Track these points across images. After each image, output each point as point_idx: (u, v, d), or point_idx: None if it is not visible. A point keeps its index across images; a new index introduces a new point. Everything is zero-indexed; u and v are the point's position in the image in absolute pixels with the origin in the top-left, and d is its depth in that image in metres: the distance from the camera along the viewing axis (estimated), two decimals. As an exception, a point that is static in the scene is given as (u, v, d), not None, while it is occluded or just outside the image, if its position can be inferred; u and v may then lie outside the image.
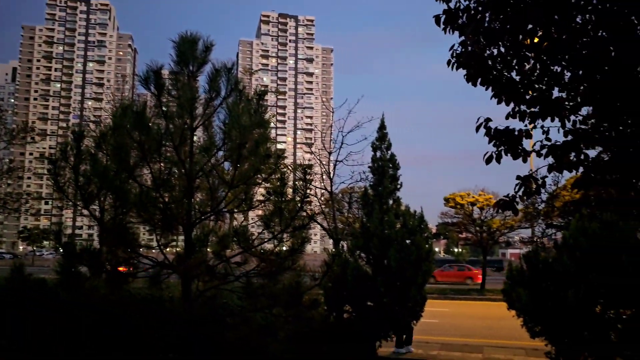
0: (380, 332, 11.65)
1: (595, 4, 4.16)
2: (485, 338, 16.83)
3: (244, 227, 5.12)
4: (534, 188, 4.27)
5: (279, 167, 5.38)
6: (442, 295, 30.75)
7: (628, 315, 9.82)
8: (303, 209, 5.18)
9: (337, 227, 14.45)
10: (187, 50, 5.36)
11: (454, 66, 4.92)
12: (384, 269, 11.54)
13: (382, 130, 12.87)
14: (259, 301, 5.15)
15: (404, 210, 12.43)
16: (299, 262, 5.26)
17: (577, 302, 9.36)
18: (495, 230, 33.49)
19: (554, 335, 10.00)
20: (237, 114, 5.07)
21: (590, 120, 4.41)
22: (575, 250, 9.67)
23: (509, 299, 10.60)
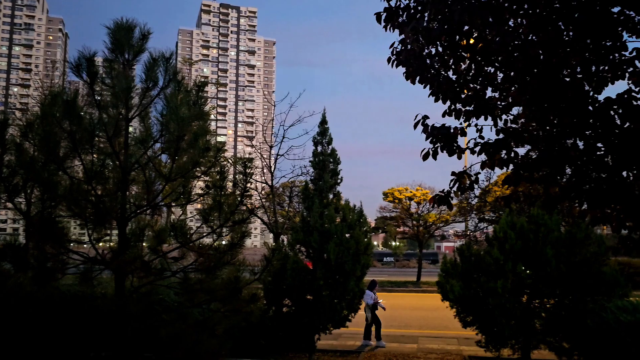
0: (319, 325, 11.75)
1: (527, 8, 4.35)
2: (420, 329, 17.36)
3: (182, 221, 4.99)
4: (467, 184, 4.44)
5: (218, 161, 5.28)
6: (380, 288, 31.38)
7: (551, 305, 10.44)
8: (243, 203, 5.10)
9: (278, 221, 14.41)
10: (122, 37, 5.14)
11: (394, 63, 5.01)
12: (324, 262, 11.64)
13: (324, 125, 12.93)
14: (197, 296, 5.05)
15: (343, 204, 12.57)
16: (238, 256, 5.19)
17: (506, 292, 9.84)
18: (431, 224, 34.61)
19: (484, 325, 10.48)
20: (176, 105, 4.92)
21: (520, 120, 4.63)
22: (505, 243, 10.16)
23: (443, 290, 11.01)
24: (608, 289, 9.95)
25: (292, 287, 11.54)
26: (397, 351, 13.59)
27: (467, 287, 10.50)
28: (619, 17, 4.09)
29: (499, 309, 9.87)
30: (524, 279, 9.77)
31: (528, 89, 4.03)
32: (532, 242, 10.02)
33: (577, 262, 9.88)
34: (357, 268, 11.78)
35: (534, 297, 10.35)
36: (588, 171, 3.98)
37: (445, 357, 13.17)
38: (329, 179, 12.51)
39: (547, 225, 10.07)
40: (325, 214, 12.03)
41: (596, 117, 4.05)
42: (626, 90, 4.33)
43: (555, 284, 9.86)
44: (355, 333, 15.45)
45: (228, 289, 4.95)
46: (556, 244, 9.94)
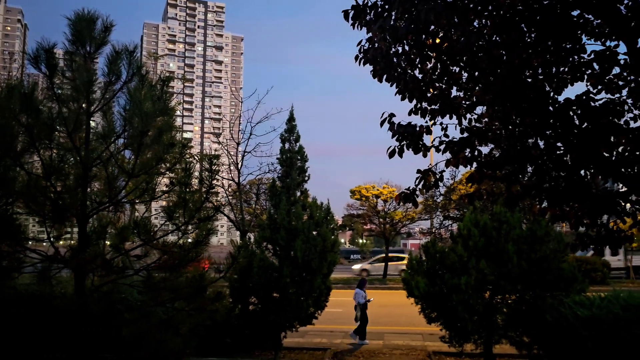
0: (286, 322, 11.73)
1: (491, 10, 4.43)
2: (386, 325, 17.52)
3: (145, 218, 4.88)
4: (432, 181, 4.50)
5: (184, 157, 5.19)
6: (347, 285, 31.57)
7: (512, 300, 10.70)
8: (209, 200, 5.02)
9: (245, 219, 14.30)
10: (84, 29, 4.98)
11: (361, 62, 5.03)
12: (290, 260, 11.62)
13: (291, 122, 12.91)
14: (160, 295, 4.95)
15: (311, 202, 12.58)
16: (203, 254, 5.12)
17: (469, 288, 10.03)
18: (397, 221, 34.98)
19: (448, 321, 10.66)
20: (139, 99, 4.80)
21: (484, 119, 4.72)
22: (469, 240, 10.35)
23: (409, 287, 11.14)
24: (566, 284, 10.26)
25: (258, 285, 11.48)
26: (364, 348, 13.69)
27: (432, 284, 10.65)
28: (579, 20, 4.22)
29: (462, 305, 10.05)
30: (487, 275, 9.98)
31: (491, 89, 4.11)
32: (495, 240, 10.25)
33: (538, 259, 10.15)
34: (324, 265, 11.81)
35: (496, 293, 10.58)
36: (548, 170, 4.08)
37: (410, 353, 13.34)
38: (296, 176, 12.49)
39: (509, 222, 10.31)
40: (293, 211, 12.01)
41: (556, 118, 4.16)
42: (585, 92, 4.47)
43: (517, 280, 10.11)
44: (322, 330, 15.48)
45: (193, 287, 4.88)
46: (517, 241, 10.19)
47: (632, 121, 4.40)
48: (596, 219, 4.17)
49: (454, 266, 10.38)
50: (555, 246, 10.41)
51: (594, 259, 30.43)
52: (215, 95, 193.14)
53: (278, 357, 11.90)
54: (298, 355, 12.56)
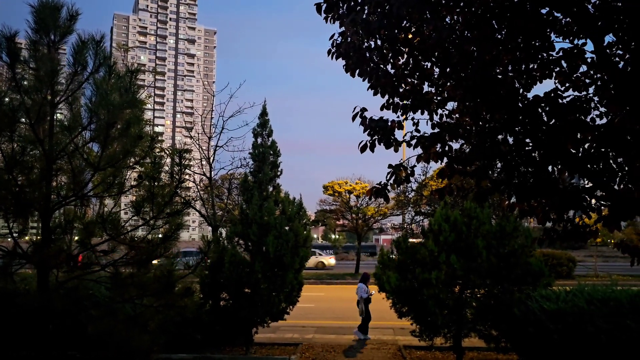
0: (257, 318, 11.67)
1: (463, 6, 4.46)
2: (357, 320, 17.56)
3: (113, 213, 4.75)
4: (403, 176, 4.50)
5: (153, 150, 5.07)
6: (319, 280, 31.67)
7: (482, 295, 10.88)
8: (178, 195, 4.92)
9: (216, 214, 14.14)
10: (47, 17, 4.80)
11: (334, 56, 5.00)
12: (262, 255, 11.55)
13: (264, 117, 12.80)
14: (128, 291, 4.83)
15: (283, 197, 12.52)
16: (172, 249, 5.02)
17: (439, 283, 10.15)
18: (370, 217, 35.20)
19: (419, 315, 10.78)
20: (106, 91, 4.66)
21: (455, 115, 4.75)
22: (439, 235, 10.46)
23: (380, 282, 11.21)
24: (534, 279, 10.47)
25: (229, 281, 11.39)
26: (335, 342, 13.75)
27: (403, 279, 10.74)
28: (548, 18, 4.27)
29: (433, 300, 10.16)
30: (457, 270, 10.11)
31: (462, 84, 4.14)
32: (465, 235, 10.39)
33: (506, 254, 10.33)
34: (296, 261, 11.78)
35: (465, 288, 10.74)
36: (517, 166, 4.14)
37: (381, 347, 13.45)
38: (268, 171, 12.41)
39: (479, 218, 10.46)
40: (265, 206, 11.94)
41: (525, 114, 4.22)
42: (553, 89, 4.54)
43: (486, 275, 10.27)
44: (294, 326, 15.48)
45: (161, 283, 4.78)
46: (487, 237, 10.35)
47: (598, 118, 4.50)
48: (563, 214, 4.25)
49: (424, 261, 10.49)
50: (523, 241, 10.61)
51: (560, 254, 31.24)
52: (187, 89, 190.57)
53: (249, 353, 11.84)
54: (269, 351, 12.52)
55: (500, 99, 4.11)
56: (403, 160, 4.48)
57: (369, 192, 4.68)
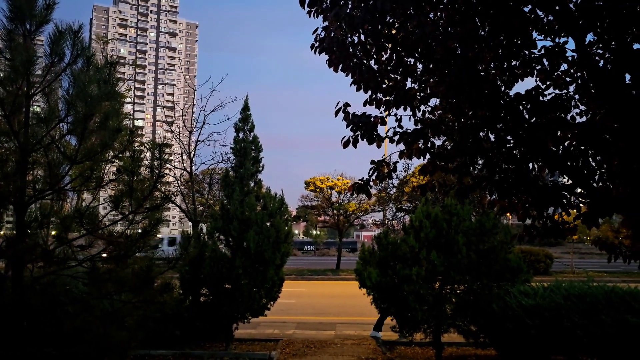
0: (238, 314, 11.61)
1: (446, 3, 4.46)
2: (338, 316, 17.68)
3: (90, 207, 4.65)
4: (386, 172, 4.49)
5: (132, 144, 4.98)
6: (300, 276, 31.67)
7: (461, 291, 10.98)
8: (157, 189, 4.84)
9: (196, 209, 14.02)
10: (23, 5, 4.66)
11: (317, 50, 4.97)
12: (243, 251, 11.48)
13: (246, 112, 12.71)
14: (105, 286, 4.74)
15: (265, 192, 12.46)
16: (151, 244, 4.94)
17: (420, 279, 10.20)
18: (351, 213, 35.29)
19: (399, 311, 10.83)
20: (84, 82, 4.55)
21: (437, 112, 4.76)
22: (420, 231, 10.52)
23: (361, 278, 11.23)
24: (512, 275, 10.60)
25: (210, 276, 11.30)
26: (315, 338, 13.76)
27: (383, 275, 10.78)
28: (530, 15, 4.30)
29: (413, 295, 10.21)
30: (437, 266, 10.17)
31: (446, 81, 4.14)
32: (445, 231, 10.45)
33: (486, 250, 10.43)
34: (277, 256, 11.74)
35: (445, 284, 10.81)
36: (498, 162, 4.16)
37: (362, 342, 13.50)
38: (250, 166, 12.33)
39: (459, 214, 10.54)
40: (246, 201, 11.86)
41: (507, 111, 4.24)
42: (534, 87, 4.58)
43: (465, 271, 10.36)
44: (275, 321, 15.45)
45: (140, 279, 4.70)
46: (467, 233, 10.43)
47: (578, 116, 4.55)
48: (543, 211, 4.29)
49: (405, 257, 10.53)
50: (503, 238, 10.72)
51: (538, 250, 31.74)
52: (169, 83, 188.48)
53: (229, 349, 11.78)
54: (250, 347, 12.48)
55: (482, 95, 4.12)
56: (386, 156, 4.47)
57: (351, 188, 4.67)
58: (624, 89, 3.89)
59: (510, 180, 4.07)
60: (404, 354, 12.06)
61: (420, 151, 4.40)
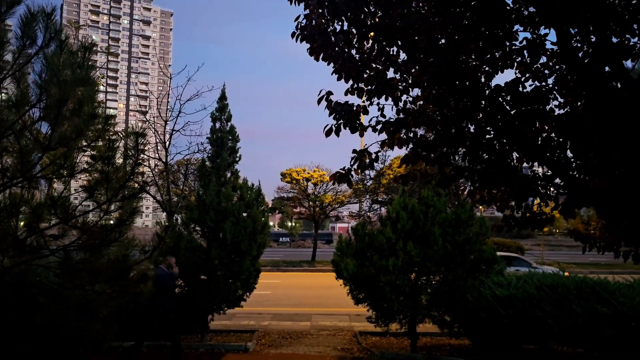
0: (213, 305, 11.52)
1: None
2: (314, 307, 17.73)
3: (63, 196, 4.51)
4: (367, 162, 4.47)
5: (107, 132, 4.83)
6: (275, 268, 31.65)
7: (436, 281, 11.10)
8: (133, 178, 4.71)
9: (172, 200, 13.82)
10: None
11: (298, 38, 4.91)
12: (219, 241, 11.38)
13: (223, 101, 12.54)
14: (79, 277, 4.61)
15: (241, 183, 12.34)
16: (126, 234, 4.82)
17: (396, 270, 10.27)
18: (327, 205, 35.32)
19: (375, 301, 10.89)
20: (57, 66, 4.39)
21: (419, 102, 4.76)
22: (397, 223, 10.57)
23: (338, 269, 11.25)
24: (487, 266, 10.77)
25: (185, 267, 11.17)
26: (291, 329, 13.77)
27: (360, 266, 10.82)
28: (512, 7, 4.32)
29: (389, 286, 10.28)
30: (414, 257, 10.25)
31: (428, 70, 4.14)
32: (422, 222, 10.54)
33: (461, 241, 10.55)
34: (254, 247, 11.66)
35: (421, 274, 10.91)
36: (479, 153, 4.18)
37: (337, 333, 13.57)
38: (227, 156, 12.19)
39: (435, 206, 10.63)
40: (223, 192, 11.74)
41: (487, 102, 4.26)
42: (514, 79, 4.61)
43: (441, 262, 10.47)
44: (250, 313, 15.41)
45: (114, 269, 4.59)
46: (443, 224, 10.54)
47: (557, 108, 4.60)
48: (521, 201, 4.34)
49: (382, 248, 10.58)
50: (478, 229, 10.86)
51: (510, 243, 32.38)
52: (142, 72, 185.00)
53: (205, 340, 11.70)
54: (225, 338, 12.42)
55: (464, 86, 4.13)
56: (367, 146, 4.45)
57: (332, 177, 4.63)
58: (602, 82, 3.94)
59: (491, 171, 4.09)
60: (379, 344, 12.16)
61: (402, 141, 4.39)
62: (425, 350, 11.45)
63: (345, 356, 11.03)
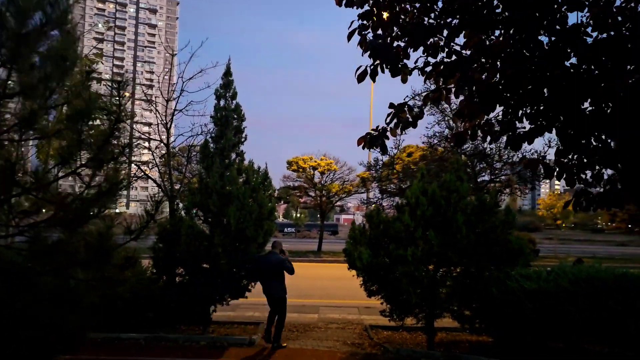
0: (216, 295, 10.75)
1: None
2: (321, 298, 16.97)
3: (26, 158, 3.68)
4: (409, 118, 3.60)
5: (87, 84, 3.99)
6: (281, 258, 30.96)
7: (457, 273, 10.25)
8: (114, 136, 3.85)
9: (173, 184, 13.01)
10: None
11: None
12: (223, 227, 10.57)
13: (228, 77, 11.67)
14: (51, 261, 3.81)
15: (247, 165, 11.50)
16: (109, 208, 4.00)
17: (415, 260, 9.43)
18: (334, 194, 34.47)
19: (391, 294, 10.07)
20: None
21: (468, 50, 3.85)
22: (416, 209, 9.71)
23: (350, 258, 10.42)
24: (512, 257, 9.91)
25: (186, 254, 10.39)
26: (298, 322, 13.01)
27: (375, 255, 9.98)
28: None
29: (407, 277, 9.45)
30: (434, 246, 9.39)
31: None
32: (444, 209, 9.67)
33: (486, 230, 9.70)
34: (260, 234, 10.85)
35: (440, 265, 10.07)
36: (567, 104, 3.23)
37: (347, 327, 12.81)
38: (231, 136, 11.34)
39: (459, 191, 9.76)
40: (227, 175, 10.92)
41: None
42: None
43: (464, 252, 9.62)
44: (255, 304, 14.65)
45: (93, 251, 3.77)
46: (466, 211, 9.68)
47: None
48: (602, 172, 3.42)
49: (399, 236, 9.74)
50: (503, 217, 10.01)
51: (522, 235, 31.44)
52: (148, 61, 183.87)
53: (206, 333, 10.93)
54: (229, 330, 11.66)
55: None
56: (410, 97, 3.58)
57: (361, 141, 3.75)
58: None
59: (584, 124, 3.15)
60: (392, 339, 11.37)
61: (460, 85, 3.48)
62: (443, 347, 10.62)
63: (357, 352, 10.21)
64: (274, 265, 10.04)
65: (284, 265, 10.06)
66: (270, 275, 10.02)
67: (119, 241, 4.19)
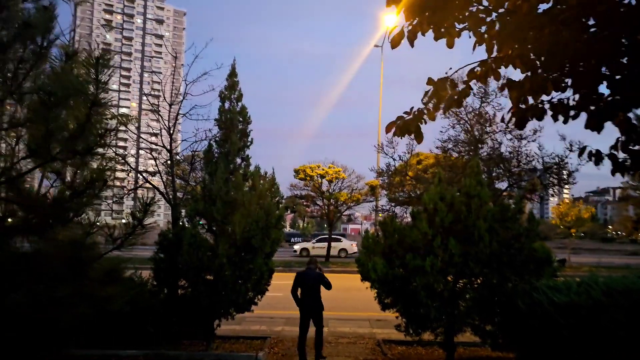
0: (220, 309, 10.08)
1: None
2: (330, 310, 16.18)
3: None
4: (454, 97, 2.93)
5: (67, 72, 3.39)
6: (287, 268, 30.16)
7: (478, 284, 9.53)
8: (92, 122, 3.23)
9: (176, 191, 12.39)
10: None
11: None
12: (228, 237, 9.93)
13: (233, 78, 11.08)
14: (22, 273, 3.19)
15: (253, 170, 10.87)
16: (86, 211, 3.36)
17: (434, 271, 8.74)
18: (342, 203, 33.75)
19: (407, 307, 9.36)
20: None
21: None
22: (435, 216, 9.03)
23: (364, 269, 9.72)
24: (538, 267, 9.19)
25: (189, 265, 9.73)
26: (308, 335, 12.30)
27: (390, 266, 9.29)
28: None
29: (425, 290, 8.75)
30: (455, 256, 8.69)
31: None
32: (464, 216, 8.97)
33: (509, 238, 8.99)
34: (267, 243, 10.20)
35: (460, 277, 9.36)
36: None
37: (358, 341, 12.13)
38: (236, 140, 10.73)
39: (480, 197, 9.06)
40: (232, 180, 10.29)
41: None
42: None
43: (486, 262, 8.91)
44: (261, 317, 13.99)
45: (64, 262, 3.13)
46: (488, 218, 8.97)
47: None
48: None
49: (416, 245, 9.04)
50: (527, 225, 9.30)
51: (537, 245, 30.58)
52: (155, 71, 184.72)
53: (210, 348, 10.27)
54: (234, 346, 10.99)
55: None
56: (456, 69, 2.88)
57: (391, 126, 3.04)
58: None
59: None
60: (406, 355, 10.67)
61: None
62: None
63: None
64: (315, 280, 10.24)
65: (322, 280, 10.30)
66: (311, 289, 10.22)
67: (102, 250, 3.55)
